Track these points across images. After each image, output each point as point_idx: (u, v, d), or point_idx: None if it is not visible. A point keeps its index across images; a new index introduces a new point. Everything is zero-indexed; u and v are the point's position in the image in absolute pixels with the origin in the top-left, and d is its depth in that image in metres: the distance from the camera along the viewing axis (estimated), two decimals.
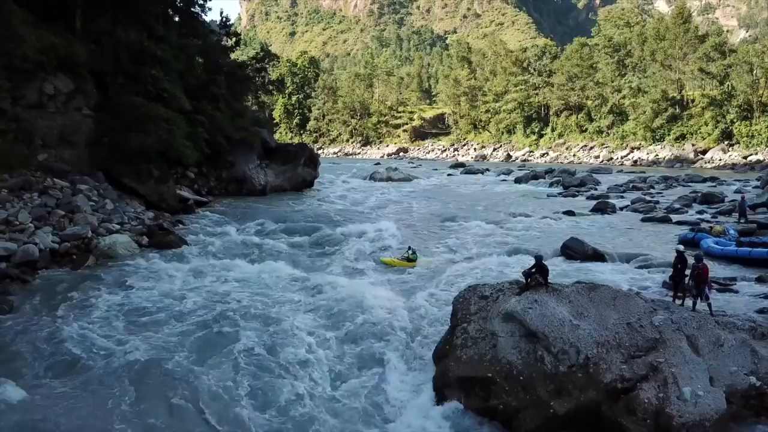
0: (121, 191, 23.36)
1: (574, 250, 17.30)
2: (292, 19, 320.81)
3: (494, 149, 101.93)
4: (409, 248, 17.72)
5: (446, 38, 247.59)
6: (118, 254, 17.06)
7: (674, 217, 24.56)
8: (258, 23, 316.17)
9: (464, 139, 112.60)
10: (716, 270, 15.29)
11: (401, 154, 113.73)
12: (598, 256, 17.07)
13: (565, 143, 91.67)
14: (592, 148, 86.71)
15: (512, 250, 18.08)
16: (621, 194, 35.40)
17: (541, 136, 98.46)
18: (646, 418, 7.76)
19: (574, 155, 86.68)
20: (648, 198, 32.07)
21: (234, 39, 42.67)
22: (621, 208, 28.47)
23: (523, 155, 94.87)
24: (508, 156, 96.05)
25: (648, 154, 76.28)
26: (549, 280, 9.73)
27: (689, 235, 18.61)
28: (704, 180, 42.73)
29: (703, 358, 8.43)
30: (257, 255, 17.94)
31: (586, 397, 8.15)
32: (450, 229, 22.86)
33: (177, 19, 37.04)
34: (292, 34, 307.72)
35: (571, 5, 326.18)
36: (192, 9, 38.31)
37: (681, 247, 10.28)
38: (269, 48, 63.25)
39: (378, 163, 74.48)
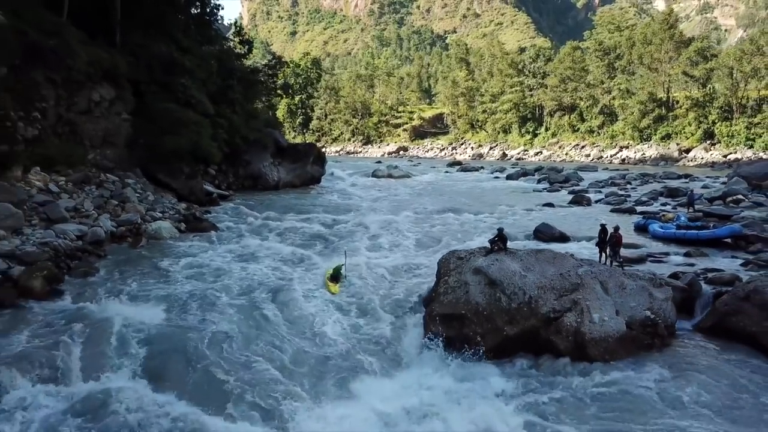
0: (156, 186, 26.86)
1: (543, 233, 20.82)
2: (293, 18, 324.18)
3: (491, 148, 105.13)
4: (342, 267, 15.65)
5: (446, 38, 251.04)
6: (163, 237, 20.46)
7: (639, 208, 27.97)
8: (259, 23, 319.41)
9: (462, 139, 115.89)
10: (658, 248, 18.87)
11: (401, 152, 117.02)
12: (563, 238, 20.59)
13: (558, 142, 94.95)
14: (583, 147, 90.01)
15: (491, 234, 21.54)
16: (599, 189, 38.58)
17: (535, 135, 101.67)
18: (568, 336, 11.30)
19: (566, 154, 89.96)
20: (621, 192, 35.49)
21: (246, 47, 46.06)
22: (596, 201, 31.90)
23: (518, 154, 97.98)
24: (504, 155, 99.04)
25: (635, 152, 79.57)
26: (508, 247, 13.26)
27: (641, 222, 22.16)
28: (678, 177, 45.81)
29: (611, 296, 11.94)
30: (278, 237, 21.50)
31: (529, 324, 11.65)
32: (443, 219, 26.26)
33: (192, 26, 40.24)
34: (293, 33, 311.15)
35: (570, 5, 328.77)
36: (206, 17, 41.69)
37: (603, 221, 13.79)
38: (270, 47, 66.58)
39: (379, 162, 77.57)
